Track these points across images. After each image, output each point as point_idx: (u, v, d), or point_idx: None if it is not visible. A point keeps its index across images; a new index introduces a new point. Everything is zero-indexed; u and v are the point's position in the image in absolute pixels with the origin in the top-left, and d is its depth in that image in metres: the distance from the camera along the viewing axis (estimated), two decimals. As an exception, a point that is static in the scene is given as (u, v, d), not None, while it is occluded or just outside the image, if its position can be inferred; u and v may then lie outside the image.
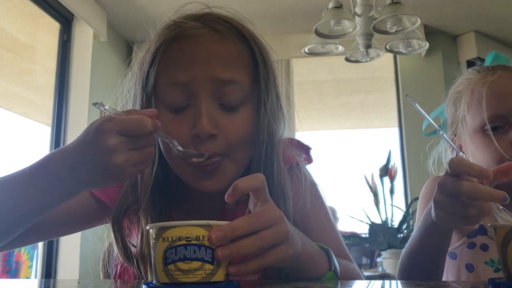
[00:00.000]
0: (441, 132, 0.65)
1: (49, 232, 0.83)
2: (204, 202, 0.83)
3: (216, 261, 0.51)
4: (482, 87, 0.97)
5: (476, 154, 0.96)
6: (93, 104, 0.65)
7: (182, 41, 0.75)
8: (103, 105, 0.63)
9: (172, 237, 0.51)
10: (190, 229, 0.51)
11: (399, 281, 1.47)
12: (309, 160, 0.88)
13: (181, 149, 0.69)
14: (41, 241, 0.84)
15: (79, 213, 0.82)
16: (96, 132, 0.59)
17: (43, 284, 0.88)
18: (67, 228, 0.85)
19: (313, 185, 0.85)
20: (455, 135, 1.02)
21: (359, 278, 0.77)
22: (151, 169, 0.78)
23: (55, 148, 3.31)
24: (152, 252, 0.53)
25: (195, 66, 0.73)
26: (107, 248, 1.99)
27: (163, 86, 0.74)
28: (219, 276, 0.52)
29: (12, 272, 3.23)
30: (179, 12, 0.79)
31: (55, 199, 0.65)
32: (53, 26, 3.43)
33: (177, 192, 0.82)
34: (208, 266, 0.51)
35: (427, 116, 0.63)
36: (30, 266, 3.34)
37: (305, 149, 0.88)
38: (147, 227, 0.54)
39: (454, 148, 0.70)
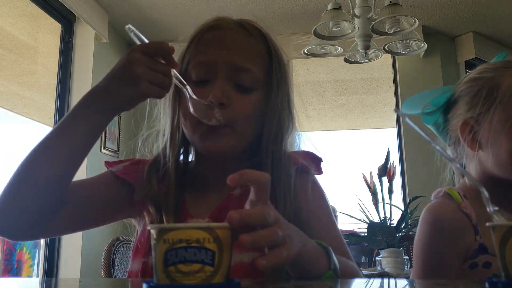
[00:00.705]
0: (433, 144, 0.66)
1: (85, 221, 0.91)
2: (212, 186, 0.89)
3: (216, 263, 0.51)
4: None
5: (503, 149, 0.92)
6: (126, 27, 0.78)
7: (215, 31, 0.90)
8: (134, 30, 0.78)
9: (173, 239, 0.51)
10: (190, 231, 0.51)
11: (397, 279, 1.49)
12: (319, 171, 0.94)
13: (194, 96, 0.80)
14: (79, 230, 0.93)
15: (109, 197, 0.91)
16: (127, 53, 0.75)
17: (44, 283, 0.89)
18: (101, 216, 0.92)
19: (318, 186, 0.92)
20: (473, 132, 0.97)
21: (358, 276, 0.79)
22: (181, 142, 0.90)
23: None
24: (153, 252, 0.52)
25: (219, 51, 0.87)
26: (109, 247, 2.01)
27: (192, 64, 0.87)
28: (219, 278, 0.52)
29: (14, 271, 3.25)
30: (221, 14, 0.95)
31: (98, 123, 0.78)
32: (55, 27, 3.44)
33: (192, 176, 0.93)
34: (208, 268, 0.51)
35: (418, 129, 0.64)
36: (32, 265, 3.36)
37: (317, 161, 0.94)
38: (148, 227, 0.54)
39: (448, 158, 0.70)
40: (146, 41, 0.77)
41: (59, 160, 0.77)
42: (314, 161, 0.93)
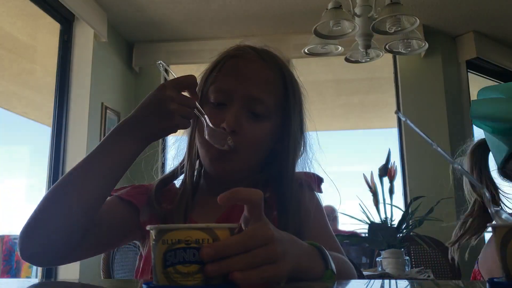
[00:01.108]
0: (434, 146, 0.64)
1: (103, 245, 0.95)
2: (217, 196, 0.90)
3: None
4: None
5: None
6: (157, 62, 0.89)
7: (237, 60, 0.97)
8: (165, 65, 0.88)
9: (172, 240, 0.51)
10: (189, 232, 0.51)
11: (398, 280, 1.48)
12: (320, 190, 1.02)
13: (211, 125, 0.87)
14: (94, 255, 0.95)
15: (118, 221, 0.94)
16: (159, 88, 0.81)
17: (43, 284, 0.89)
18: (113, 240, 0.98)
19: (318, 199, 1.02)
20: None
21: (352, 271, 0.85)
22: (194, 153, 0.99)
23: (55, 149, 3.31)
24: (152, 253, 0.53)
25: (238, 81, 0.94)
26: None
27: (212, 88, 0.96)
28: (218, 279, 0.52)
29: (12, 272, 3.24)
30: (244, 41, 1.02)
31: (132, 151, 0.83)
32: (54, 27, 3.44)
33: (202, 186, 1.02)
34: None
35: (419, 131, 0.62)
36: (31, 266, 3.34)
37: (317, 181, 1.02)
38: (147, 228, 0.54)
39: (448, 159, 0.68)
40: (175, 75, 0.85)
41: (92, 187, 0.81)
42: (315, 182, 1.02)
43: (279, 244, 0.58)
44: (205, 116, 0.87)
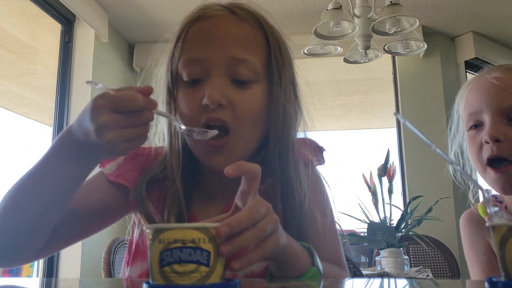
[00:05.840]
0: (433, 147, 0.65)
1: (83, 231, 0.85)
2: (218, 190, 0.84)
3: (211, 263, 0.51)
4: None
5: None
6: (86, 82, 0.67)
7: (202, 21, 0.80)
8: (96, 84, 0.63)
9: (168, 239, 0.51)
10: (185, 231, 0.51)
11: (397, 279, 1.49)
12: (321, 161, 0.90)
13: (182, 127, 0.70)
14: (75, 241, 0.84)
15: (105, 205, 0.83)
16: (91, 110, 0.61)
17: (44, 283, 0.89)
18: (99, 223, 0.86)
19: (319, 182, 0.87)
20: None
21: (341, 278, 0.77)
22: (181, 148, 0.82)
23: (56, 148, 3.33)
24: (148, 252, 0.53)
25: (210, 44, 0.77)
26: (109, 247, 2.01)
27: (182, 62, 0.79)
28: (215, 278, 0.52)
29: (13, 271, 3.25)
30: (207, 1, 0.84)
31: (77, 176, 0.70)
32: (55, 27, 3.44)
33: (199, 176, 0.85)
34: (203, 269, 0.51)
35: (418, 133, 0.63)
36: (32, 265, 3.35)
37: (319, 150, 0.90)
38: (144, 227, 0.55)
39: (448, 160, 0.69)
40: (111, 92, 0.62)
41: (42, 202, 0.70)
42: (316, 150, 0.88)
43: (274, 219, 0.59)
44: (174, 118, 0.72)
